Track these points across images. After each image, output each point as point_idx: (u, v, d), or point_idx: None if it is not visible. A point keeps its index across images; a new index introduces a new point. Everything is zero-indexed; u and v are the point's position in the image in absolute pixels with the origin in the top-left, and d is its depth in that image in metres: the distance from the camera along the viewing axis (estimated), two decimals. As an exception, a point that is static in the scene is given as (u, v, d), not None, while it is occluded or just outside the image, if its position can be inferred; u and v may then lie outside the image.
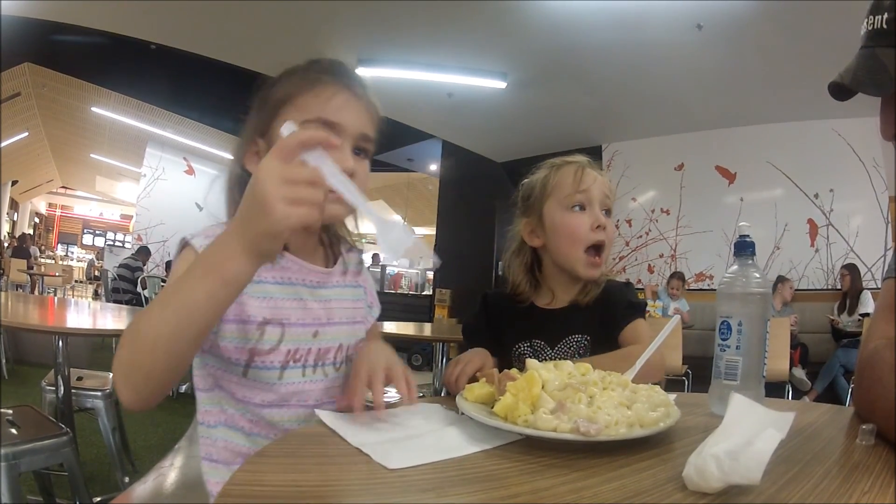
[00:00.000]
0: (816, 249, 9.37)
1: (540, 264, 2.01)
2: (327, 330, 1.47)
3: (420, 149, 13.51)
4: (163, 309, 1.03)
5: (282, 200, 0.93)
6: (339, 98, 1.39)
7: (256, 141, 1.44)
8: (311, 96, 1.39)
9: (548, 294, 1.98)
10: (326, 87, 1.40)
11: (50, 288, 15.66)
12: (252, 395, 1.38)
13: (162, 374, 1.05)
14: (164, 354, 1.03)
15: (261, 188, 0.94)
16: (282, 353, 1.38)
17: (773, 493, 0.79)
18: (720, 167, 10.22)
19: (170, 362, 1.04)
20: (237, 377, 1.37)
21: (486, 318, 2.01)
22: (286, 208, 0.93)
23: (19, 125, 15.81)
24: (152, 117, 14.24)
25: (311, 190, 0.96)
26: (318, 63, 1.47)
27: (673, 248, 10.70)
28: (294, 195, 0.94)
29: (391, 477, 0.85)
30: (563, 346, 1.90)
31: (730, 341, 1.32)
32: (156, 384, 1.06)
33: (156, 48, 8.63)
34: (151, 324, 1.03)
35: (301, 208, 0.95)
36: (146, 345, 1.02)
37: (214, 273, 1.00)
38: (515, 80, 8.80)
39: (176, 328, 1.01)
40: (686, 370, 6.96)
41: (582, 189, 1.88)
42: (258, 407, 1.38)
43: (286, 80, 1.44)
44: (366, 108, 1.45)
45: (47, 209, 31.60)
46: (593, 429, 0.99)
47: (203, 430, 1.42)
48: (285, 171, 0.95)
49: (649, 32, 7.05)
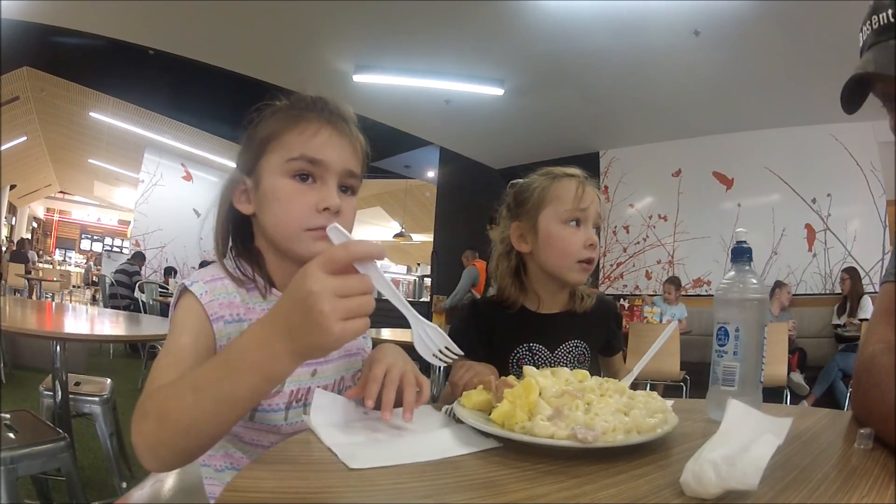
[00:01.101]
0: (814, 254, 9.37)
1: (525, 268, 2.01)
2: (325, 367, 1.48)
3: (417, 155, 13.55)
4: (199, 397, 1.01)
5: (339, 318, 0.91)
6: (322, 135, 1.38)
7: (244, 180, 1.43)
8: (294, 134, 1.38)
9: (534, 298, 1.98)
10: (310, 123, 1.39)
11: (48, 293, 15.66)
12: (260, 437, 1.39)
13: (197, 450, 1.07)
14: (198, 438, 1.04)
15: (315, 303, 0.90)
16: (286, 394, 1.39)
17: (770, 498, 0.80)
18: (717, 173, 10.22)
19: (203, 443, 1.06)
20: (244, 421, 1.37)
21: (476, 324, 1.99)
22: (344, 325, 0.91)
23: (18, 129, 15.78)
24: (150, 123, 14.23)
25: (361, 304, 0.93)
26: (301, 99, 1.46)
27: (670, 254, 10.69)
28: (350, 310, 0.92)
29: (388, 484, 0.85)
30: (563, 351, 1.91)
31: (727, 347, 1.32)
32: (188, 457, 1.07)
33: (154, 53, 8.64)
34: (186, 409, 1.01)
35: (357, 321, 0.93)
36: (179, 428, 1.02)
37: (259, 372, 0.97)
38: (513, 87, 8.82)
39: (215, 416, 1.01)
40: (684, 376, 6.95)
41: (582, 207, 1.89)
42: (266, 448, 1.37)
43: (270, 118, 1.43)
44: (350, 144, 1.44)
45: (45, 214, 31.60)
46: (591, 435, 0.99)
47: (209, 473, 1.43)
48: (339, 285, 0.92)
49: (647, 39, 7.06)
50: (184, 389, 1.03)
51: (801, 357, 8.14)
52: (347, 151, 1.42)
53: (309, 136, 1.37)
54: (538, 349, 1.90)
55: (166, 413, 1.02)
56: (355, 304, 0.92)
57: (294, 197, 1.36)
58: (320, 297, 0.90)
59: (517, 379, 1.24)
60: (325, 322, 0.90)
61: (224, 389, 0.99)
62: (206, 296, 1.33)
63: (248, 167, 1.42)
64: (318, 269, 0.92)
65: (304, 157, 1.36)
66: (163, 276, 14.32)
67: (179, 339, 1.27)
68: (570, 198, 1.90)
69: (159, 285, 11.50)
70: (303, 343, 0.94)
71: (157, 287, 11.12)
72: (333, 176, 1.39)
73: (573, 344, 1.93)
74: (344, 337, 0.92)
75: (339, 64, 8.53)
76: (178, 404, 1.02)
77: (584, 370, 1.31)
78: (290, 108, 1.44)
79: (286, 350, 0.95)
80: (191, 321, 1.31)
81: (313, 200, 1.36)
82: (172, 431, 1.02)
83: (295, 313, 0.93)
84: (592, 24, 6.83)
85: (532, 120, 10.09)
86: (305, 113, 1.41)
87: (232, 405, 1.01)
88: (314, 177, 1.38)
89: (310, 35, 7.65)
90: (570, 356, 1.92)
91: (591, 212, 1.90)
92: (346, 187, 1.44)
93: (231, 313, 1.35)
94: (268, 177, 1.39)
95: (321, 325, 0.90)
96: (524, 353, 1.91)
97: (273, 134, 1.40)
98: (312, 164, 1.37)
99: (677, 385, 6.97)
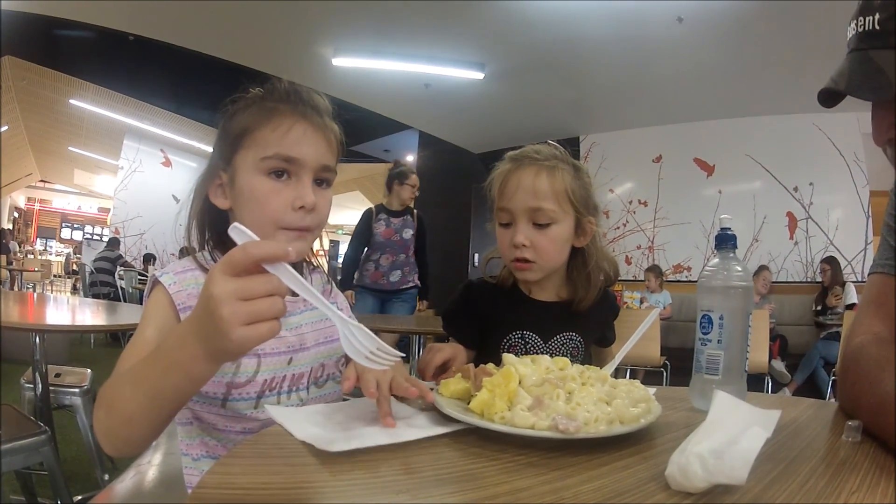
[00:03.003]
0: (795, 242, 9.45)
1: None
2: (301, 356, 1.48)
3: (397, 139, 13.53)
4: (134, 388, 1.02)
5: (239, 322, 0.86)
6: (296, 131, 1.38)
7: (220, 174, 1.43)
8: (268, 130, 1.38)
9: (523, 283, 1.93)
10: (283, 118, 1.39)
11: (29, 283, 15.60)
12: (232, 424, 1.40)
13: (141, 441, 1.09)
14: (140, 429, 1.05)
15: (215, 308, 0.86)
16: (258, 383, 1.39)
17: (758, 492, 0.78)
18: (698, 159, 10.29)
19: (146, 433, 1.07)
20: (216, 408, 1.38)
21: (469, 307, 1.94)
22: (245, 330, 0.86)
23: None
24: (130, 109, 14.14)
25: (270, 303, 0.88)
26: (274, 90, 1.45)
27: (651, 239, 10.75)
28: (252, 314, 0.87)
29: (364, 478, 0.84)
30: (556, 342, 1.88)
31: (711, 335, 1.30)
32: (136, 446, 1.10)
33: (133, 39, 8.58)
34: (125, 400, 1.03)
35: (261, 326, 0.88)
36: (122, 418, 1.04)
37: (180, 370, 0.96)
38: (493, 71, 8.83)
39: (148, 409, 1.02)
40: (664, 362, 6.97)
41: (501, 205, 1.82)
42: (239, 434, 1.40)
43: (244, 111, 1.43)
44: (324, 138, 1.43)
45: (26, 203, 31.39)
46: (572, 426, 0.97)
47: (188, 462, 1.44)
48: (240, 287, 0.87)
49: (629, 24, 7.07)
50: (124, 382, 1.07)
51: (783, 344, 8.20)
52: (322, 146, 1.42)
53: (283, 132, 1.37)
54: (531, 338, 1.86)
55: (112, 403, 1.06)
56: (259, 307, 0.87)
57: (269, 195, 1.37)
58: (219, 300, 0.86)
59: (496, 367, 1.22)
60: (224, 327, 0.86)
61: (153, 385, 1.00)
62: (175, 286, 1.34)
63: (224, 161, 1.43)
64: (220, 271, 0.88)
65: (279, 156, 1.36)
66: (142, 264, 14.29)
67: (144, 331, 1.28)
68: (495, 195, 1.84)
69: (138, 272, 11.48)
70: (212, 346, 0.91)
71: (137, 274, 11.10)
72: (308, 172, 1.39)
73: (568, 336, 1.89)
74: (245, 343, 0.87)
75: (318, 47, 8.51)
76: (120, 396, 1.05)
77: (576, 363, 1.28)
78: (263, 100, 1.43)
79: (202, 353, 0.93)
80: (157, 314, 1.32)
81: (289, 198, 1.37)
82: (118, 421, 1.05)
83: (204, 316, 0.89)
84: (574, 8, 6.83)
85: (512, 104, 10.11)
86: (279, 106, 1.41)
87: (161, 401, 1.02)
88: (289, 174, 1.38)
89: (289, 18, 7.61)
90: (564, 348, 1.88)
91: (517, 205, 1.78)
92: (322, 180, 1.44)
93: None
94: (243, 174, 1.39)
95: (221, 331, 0.86)
96: (517, 340, 1.86)
97: (247, 129, 1.39)
98: (287, 161, 1.37)
99: (657, 371, 7.01)
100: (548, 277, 1.90)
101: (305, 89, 1.47)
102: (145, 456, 2.05)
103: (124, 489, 1.85)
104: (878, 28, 1.13)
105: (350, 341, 0.97)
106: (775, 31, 6.89)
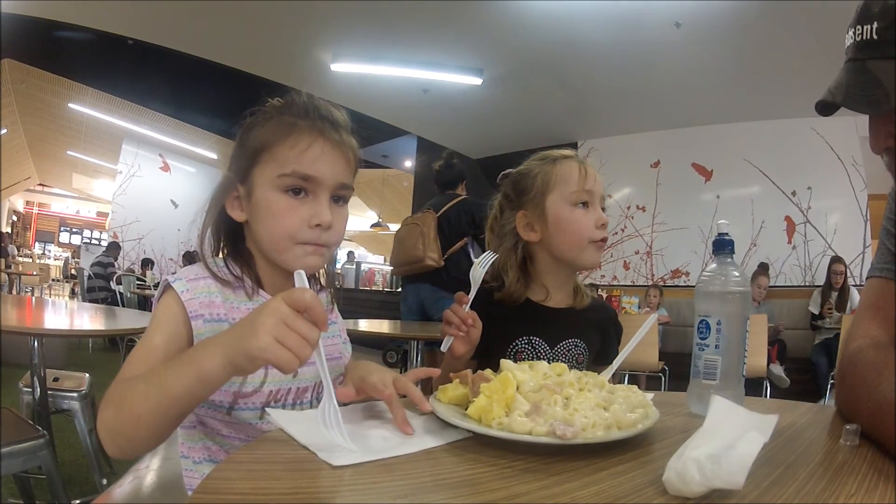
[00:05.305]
0: (794, 246, 9.42)
1: (532, 259, 1.97)
2: (306, 370, 1.47)
3: (395, 145, 13.56)
4: (147, 387, 1.06)
5: (271, 335, 0.96)
6: (314, 149, 1.38)
7: (237, 186, 1.43)
8: (286, 147, 1.37)
9: (541, 290, 1.94)
10: (302, 135, 1.38)
11: (27, 287, 15.56)
12: (236, 432, 1.41)
13: (146, 442, 1.11)
14: (147, 429, 1.07)
15: (262, 314, 0.99)
16: (264, 394, 1.40)
17: (756, 496, 0.78)
18: (697, 164, 10.26)
19: (152, 434, 1.10)
20: (221, 415, 1.39)
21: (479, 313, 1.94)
22: (271, 342, 0.96)
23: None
24: (129, 113, 14.17)
25: (299, 342, 0.98)
26: (293, 104, 1.44)
27: (648, 244, 10.73)
28: (283, 337, 0.97)
29: (363, 483, 0.84)
30: (563, 348, 1.89)
31: (709, 340, 1.31)
32: (140, 447, 1.12)
33: (133, 43, 8.59)
34: (136, 399, 1.07)
35: (283, 351, 0.97)
36: (130, 417, 1.06)
37: (193, 367, 1.03)
38: (491, 77, 8.82)
39: (157, 409, 1.05)
40: (663, 366, 6.96)
41: (587, 188, 1.87)
42: (243, 442, 1.40)
43: (262, 126, 1.42)
44: (342, 155, 1.43)
45: (25, 207, 31.33)
46: (570, 431, 0.97)
47: (188, 465, 1.44)
48: (289, 317, 0.98)
49: (627, 29, 7.07)
50: (140, 379, 1.10)
51: (781, 349, 8.17)
52: (340, 164, 1.42)
53: (301, 149, 1.37)
54: (539, 343, 1.87)
55: (122, 402, 1.09)
56: (293, 338, 0.98)
57: (286, 212, 1.37)
58: (270, 311, 0.99)
59: (494, 372, 1.22)
60: (260, 329, 0.97)
61: (166, 383, 1.05)
62: (187, 293, 1.34)
63: (241, 174, 1.43)
64: (282, 300, 1.00)
65: (297, 174, 1.36)
66: (141, 269, 14.26)
67: (153, 337, 1.29)
68: (574, 179, 1.88)
69: (137, 277, 11.44)
70: (235, 346, 1.00)
71: (135, 279, 11.06)
72: (325, 190, 1.40)
73: (573, 343, 1.90)
74: (265, 351, 0.97)
75: (317, 53, 8.51)
76: (133, 394, 1.08)
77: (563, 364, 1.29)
78: (282, 115, 1.43)
79: (221, 351, 1.01)
80: (167, 320, 1.33)
81: (306, 215, 1.37)
82: (126, 420, 1.07)
83: (246, 321, 1.02)
84: (572, 14, 6.83)
85: (510, 109, 10.10)
86: (298, 122, 1.40)
87: (171, 400, 1.05)
88: (306, 191, 1.39)
89: (288, 24, 7.62)
90: (570, 355, 1.89)
91: (597, 191, 1.90)
92: (339, 197, 1.45)
93: (211, 312, 1.36)
94: (260, 189, 1.39)
95: (256, 331, 0.97)
96: (524, 345, 1.87)
97: (265, 144, 1.39)
98: (305, 180, 1.37)
99: (656, 376, 7.00)
100: (566, 280, 1.95)
101: (324, 103, 1.46)
102: (144, 460, 2.04)
103: (122, 493, 1.84)
104: (877, 38, 1.12)
105: (324, 410, 1.02)
106: (773, 35, 6.89)
